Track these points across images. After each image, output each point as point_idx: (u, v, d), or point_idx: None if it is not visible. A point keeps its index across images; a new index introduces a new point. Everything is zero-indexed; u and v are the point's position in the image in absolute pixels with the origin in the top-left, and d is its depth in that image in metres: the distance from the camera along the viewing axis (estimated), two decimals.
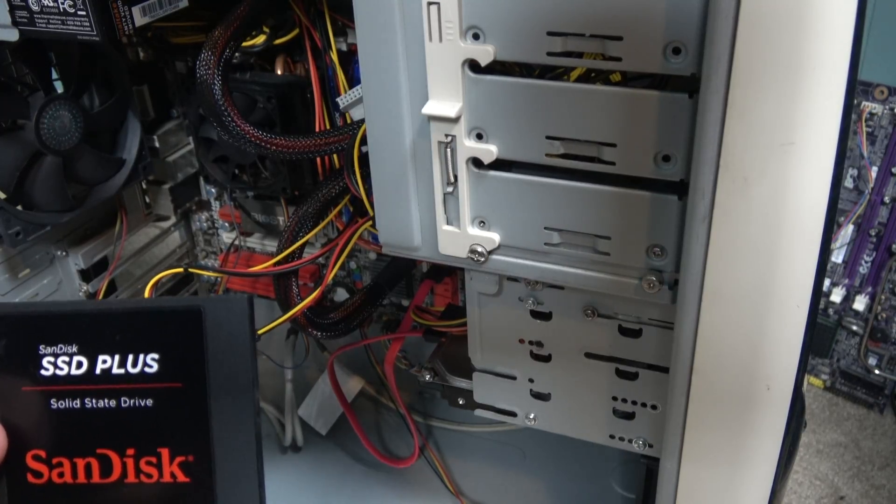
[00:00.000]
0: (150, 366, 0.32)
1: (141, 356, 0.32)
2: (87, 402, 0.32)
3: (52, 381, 0.32)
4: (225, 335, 0.32)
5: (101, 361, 0.32)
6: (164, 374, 0.32)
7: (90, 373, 0.32)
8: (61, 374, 0.32)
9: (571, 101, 0.45)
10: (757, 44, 0.37)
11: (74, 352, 0.32)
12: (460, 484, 0.90)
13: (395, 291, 0.85)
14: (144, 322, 0.32)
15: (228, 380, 0.31)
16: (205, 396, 0.32)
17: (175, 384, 0.32)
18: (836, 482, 1.05)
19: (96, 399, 0.32)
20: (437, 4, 0.44)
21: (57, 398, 0.32)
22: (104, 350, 0.32)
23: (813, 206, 0.42)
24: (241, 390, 0.31)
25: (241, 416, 0.32)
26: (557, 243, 0.51)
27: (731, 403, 0.49)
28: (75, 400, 0.32)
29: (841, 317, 1.14)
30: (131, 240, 0.86)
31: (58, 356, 0.32)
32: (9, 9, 0.56)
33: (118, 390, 0.32)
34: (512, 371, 0.62)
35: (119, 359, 0.32)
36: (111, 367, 0.32)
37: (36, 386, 0.32)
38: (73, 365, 0.32)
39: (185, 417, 0.32)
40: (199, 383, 0.32)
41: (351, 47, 0.69)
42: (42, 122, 0.65)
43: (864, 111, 1.01)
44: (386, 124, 0.50)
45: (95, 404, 0.32)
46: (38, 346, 0.32)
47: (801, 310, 0.45)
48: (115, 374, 0.32)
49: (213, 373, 0.32)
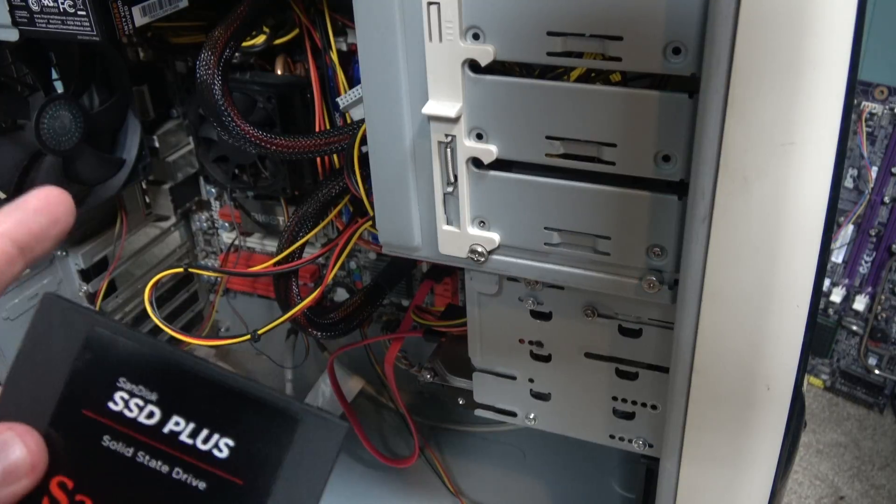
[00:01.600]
0: (221, 450, 0.29)
1: (216, 436, 0.29)
2: (139, 456, 0.29)
3: (116, 419, 0.29)
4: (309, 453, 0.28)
5: (173, 422, 0.29)
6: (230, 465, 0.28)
7: (157, 429, 0.29)
8: (128, 416, 0.29)
9: (571, 101, 0.45)
10: (757, 44, 0.37)
11: (152, 400, 0.29)
12: (460, 484, 0.90)
13: (395, 291, 0.85)
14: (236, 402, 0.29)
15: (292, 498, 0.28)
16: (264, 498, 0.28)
17: (237, 479, 0.28)
18: (836, 482, 1.05)
19: (150, 457, 0.29)
20: (437, 4, 0.44)
21: (112, 437, 0.29)
22: (182, 412, 0.29)
23: (813, 206, 0.42)
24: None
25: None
26: (557, 243, 0.51)
27: (731, 403, 0.49)
28: (129, 447, 0.29)
29: (841, 317, 1.14)
30: (131, 240, 0.86)
31: (133, 396, 0.29)
32: (9, 9, 0.56)
33: (176, 459, 0.29)
34: (512, 371, 0.62)
35: (193, 428, 0.29)
36: (180, 433, 0.29)
37: (97, 415, 0.29)
38: (145, 413, 0.29)
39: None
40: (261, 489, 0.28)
41: (351, 47, 0.69)
42: (42, 122, 0.65)
43: (864, 111, 1.01)
44: (386, 124, 0.50)
45: (146, 461, 0.29)
46: (119, 378, 0.29)
47: (801, 310, 0.45)
48: (181, 441, 0.29)
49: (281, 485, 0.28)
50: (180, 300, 0.94)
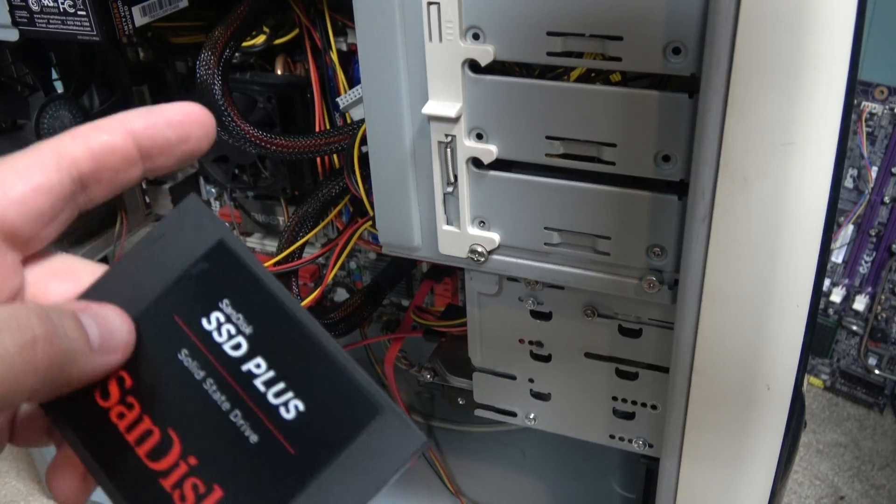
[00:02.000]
0: (289, 410, 0.27)
1: (290, 394, 0.27)
2: (207, 383, 0.27)
3: (202, 337, 0.27)
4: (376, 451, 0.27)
5: (254, 363, 0.27)
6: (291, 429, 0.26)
7: (237, 363, 0.27)
8: (215, 339, 0.27)
9: (571, 101, 0.45)
10: (757, 44, 0.37)
11: (245, 333, 0.27)
12: (460, 484, 0.90)
13: (395, 291, 0.85)
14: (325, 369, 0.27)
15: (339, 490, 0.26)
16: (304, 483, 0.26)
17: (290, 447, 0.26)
18: (836, 482, 1.05)
19: (217, 388, 0.27)
20: (437, 4, 0.44)
21: (191, 353, 0.27)
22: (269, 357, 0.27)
23: (813, 206, 0.42)
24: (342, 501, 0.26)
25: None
26: (557, 243, 0.51)
27: (731, 403, 0.49)
28: (202, 370, 0.27)
29: (841, 317, 1.14)
30: (131, 240, 0.85)
31: (229, 322, 0.27)
32: (9, 9, 0.56)
33: (242, 401, 0.27)
34: (512, 371, 0.62)
35: (271, 377, 0.27)
36: (257, 377, 0.27)
37: (187, 326, 0.27)
38: (232, 343, 0.27)
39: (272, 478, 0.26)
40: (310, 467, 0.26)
41: (351, 47, 0.69)
42: (42, 122, 0.65)
43: (864, 111, 1.01)
44: (386, 124, 0.50)
45: (212, 391, 0.27)
46: (224, 300, 0.27)
47: (801, 310, 0.45)
48: (254, 385, 0.27)
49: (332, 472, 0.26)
50: None
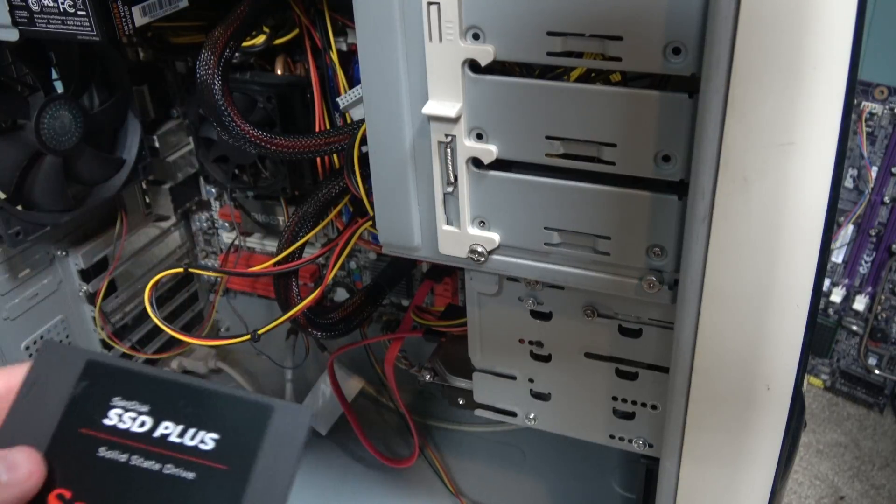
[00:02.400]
0: (206, 443, 0.33)
1: (202, 432, 0.33)
2: (133, 460, 0.33)
3: (111, 432, 0.33)
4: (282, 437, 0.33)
5: (163, 427, 0.33)
6: (215, 454, 0.33)
7: (149, 434, 0.33)
8: (122, 428, 0.33)
9: (571, 101, 0.45)
10: (757, 44, 0.37)
11: (144, 411, 0.33)
12: (460, 484, 0.90)
13: (395, 291, 0.85)
14: (219, 404, 0.34)
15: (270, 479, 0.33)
16: (244, 486, 0.32)
17: (221, 466, 0.33)
18: (836, 482, 1.05)
19: (143, 459, 0.33)
20: (437, 4, 0.44)
21: (108, 448, 0.33)
22: (172, 418, 0.33)
23: (813, 206, 0.41)
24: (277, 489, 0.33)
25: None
26: (557, 243, 0.51)
27: (731, 403, 0.49)
28: (124, 454, 0.33)
29: (841, 317, 1.14)
30: (131, 240, 0.86)
31: (127, 411, 0.34)
32: (9, 9, 0.56)
33: (167, 457, 0.33)
34: (512, 371, 0.62)
35: (181, 429, 0.33)
36: (170, 435, 0.33)
37: (94, 431, 0.33)
38: (137, 423, 0.33)
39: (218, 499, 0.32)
40: (244, 472, 0.33)
41: (351, 47, 0.69)
42: (42, 122, 0.65)
43: (864, 111, 1.01)
44: (386, 124, 0.50)
45: (140, 464, 0.33)
46: (114, 398, 0.34)
47: (801, 310, 0.45)
48: (171, 441, 0.33)
49: (259, 468, 0.33)
50: (180, 300, 0.94)
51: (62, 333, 0.82)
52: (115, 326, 0.85)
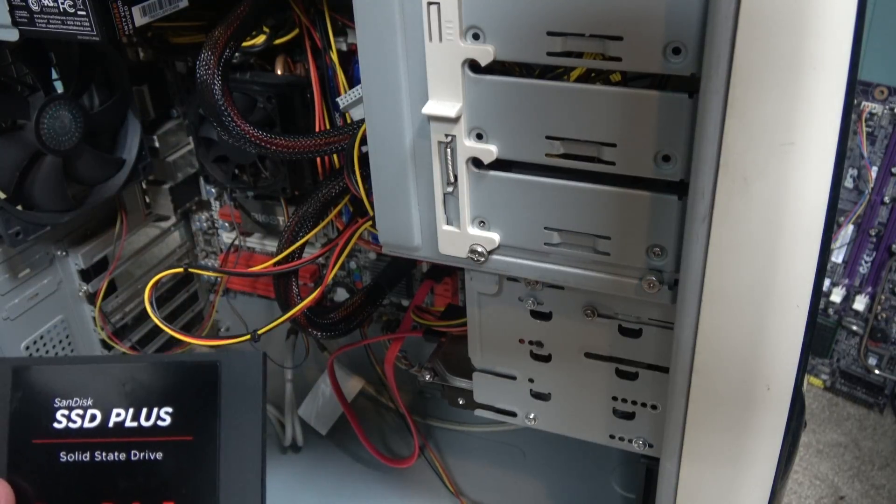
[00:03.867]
0: (163, 419, 0.32)
1: (155, 410, 0.32)
2: (97, 456, 0.32)
3: (65, 434, 0.33)
4: (238, 389, 0.32)
5: (114, 415, 0.32)
6: (176, 428, 0.32)
7: (103, 426, 0.32)
8: (74, 427, 0.32)
9: (571, 101, 0.45)
10: (757, 44, 0.37)
11: (89, 405, 0.33)
12: (460, 484, 0.90)
13: (395, 291, 0.85)
14: (161, 376, 0.33)
15: (238, 432, 0.32)
16: (214, 449, 0.32)
17: (186, 437, 0.32)
18: (836, 482, 1.05)
19: (107, 452, 0.32)
20: (437, 4, 0.44)
21: (67, 451, 0.32)
22: (119, 403, 0.33)
23: (813, 206, 0.41)
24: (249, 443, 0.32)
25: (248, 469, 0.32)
26: (557, 243, 0.51)
27: (731, 403, 0.49)
28: (85, 453, 0.32)
29: (841, 317, 1.14)
30: (131, 240, 0.86)
31: (72, 409, 0.33)
32: (9, 9, 0.56)
33: (129, 444, 0.32)
34: (512, 371, 0.62)
35: (133, 412, 0.33)
36: (124, 421, 0.32)
37: (47, 439, 0.33)
38: (87, 418, 0.32)
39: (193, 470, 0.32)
40: (209, 436, 0.32)
41: (351, 47, 0.69)
42: (42, 122, 0.65)
43: (864, 111, 1.01)
44: (386, 124, 0.50)
45: (105, 458, 0.32)
46: (54, 400, 0.33)
47: (801, 310, 0.45)
48: (127, 427, 0.32)
49: (225, 426, 0.32)
50: (180, 300, 0.94)
51: (62, 333, 0.82)
52: (115, 326, 0.85)
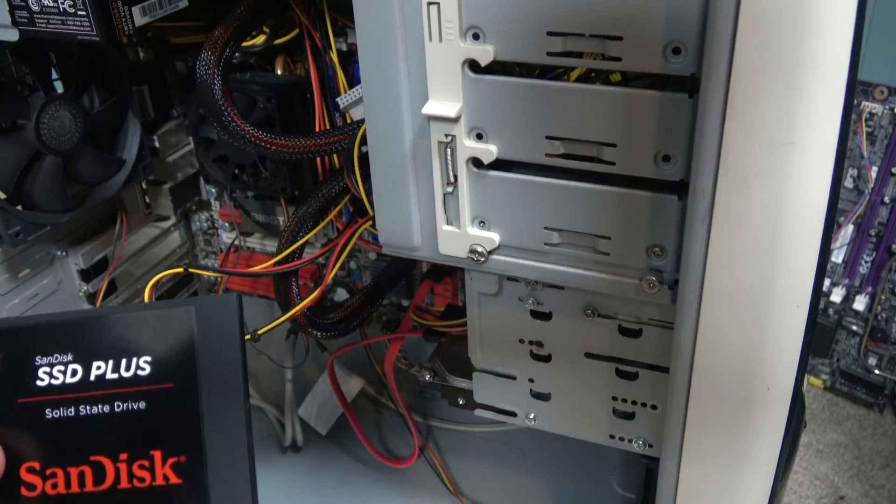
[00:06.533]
0: (143, 368, 0.33)
1: (134, 359, 0.33)
2: (82, 410, 0.33)
3: (48, 391, 0.33)
4: (215, 333, 0.32)
5: (95, 368, 0.33)
6: (156, 376, 0.32)
7: (85, 380, 0.33)
8: (56, 384, 0.33)
9: (571, 101, 0.45)
10: (757, 44, 0.37)
11: (70, 360, 0.33)
12: (460, 484, 0.90)
13: (395, 291, 0.85)
14: (137, 326, 0.33)
15: (219, 378, 0.32)
16: (196, 395, 0.32)
17: (167, 385, 0.32)
18: (836, 482, 1.05)
19: (90, 406, 0.33)
20: (437, 4, 0.44)
21: (52, 408, 0.33)
22: (98, 356, 0.33)
23: (813, 206, 0.42)
24: (231, 387, 0.32)
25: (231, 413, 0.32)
26: (557, 243, 0.51)
27: (731, 403, 0.49)
28: (70, 408, 0.33)
29: (841, 317, 1.14)
30: (131, 240, 0.86)
31: (53, 366, 0.33)
32: (9, 9, 0.56)
33: (112, 395, 0.32)
34: (512, 371, 0.62)
35: (113, 364, 0.33)
36: (105, 373, 0.33)
37: (32, 397, 0.33)
38: (69, 373, 0.33)
39: (176, 417, 0.32)
40: (190, 382, 0.32)
41: (351, 47, 0.69)
42: (42, 122, 0.65)
43: (864, 111, 1.01)
44: (386, 124, 0.50)
45: (90, 411, 0.33)
46: (35, 358, 0.33)
47: (801, 310, 0.45)
48: (108, 379, 0.33)
49: (204, 371, 0.32)
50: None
51: None
52: None
